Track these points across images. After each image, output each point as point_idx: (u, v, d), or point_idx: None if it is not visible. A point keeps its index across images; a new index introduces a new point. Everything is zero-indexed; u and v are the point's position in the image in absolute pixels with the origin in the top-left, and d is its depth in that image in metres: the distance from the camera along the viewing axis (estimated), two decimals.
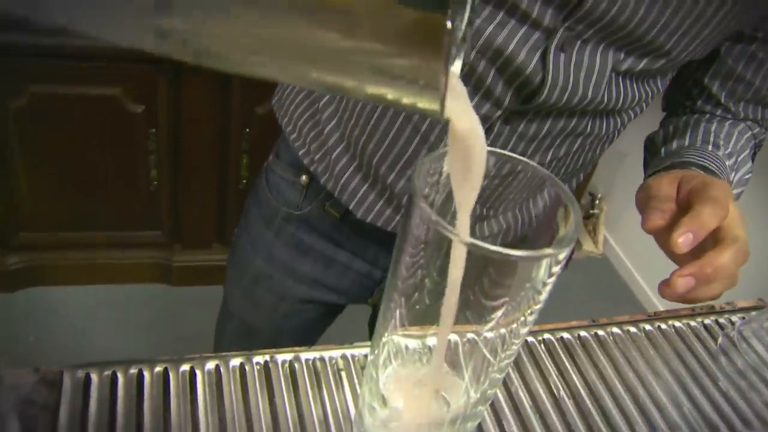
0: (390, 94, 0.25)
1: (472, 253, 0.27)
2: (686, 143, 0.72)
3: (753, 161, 0.78)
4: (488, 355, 0.32)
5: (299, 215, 0.81)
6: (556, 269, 0.28)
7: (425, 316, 0.35)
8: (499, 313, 0.30)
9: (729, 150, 0.72)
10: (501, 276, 0.28)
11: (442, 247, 0.29)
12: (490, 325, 0.31)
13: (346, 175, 0.74)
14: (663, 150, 0.76)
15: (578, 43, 0.58)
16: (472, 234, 0.30)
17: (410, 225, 0.30)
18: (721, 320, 0.56)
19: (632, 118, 0.72)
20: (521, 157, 0.33)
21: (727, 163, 0.71)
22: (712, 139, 0.72)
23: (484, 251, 0.27)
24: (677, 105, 0.79)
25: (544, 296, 0.29)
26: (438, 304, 0.33)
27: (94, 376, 0.40)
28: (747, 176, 0.76)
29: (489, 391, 0.36)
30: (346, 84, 0.26)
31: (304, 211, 0.81)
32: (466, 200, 0.30)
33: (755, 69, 0.71)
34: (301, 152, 0.77)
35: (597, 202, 2.37)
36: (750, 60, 0.71)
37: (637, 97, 0.67)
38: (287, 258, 0.84)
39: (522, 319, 0.30)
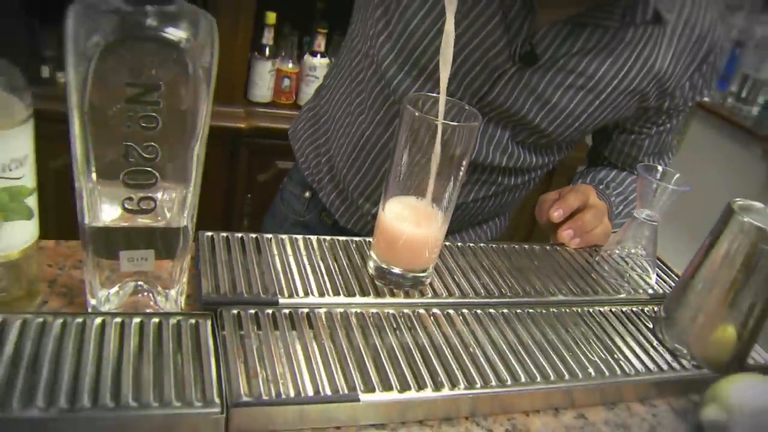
0: None
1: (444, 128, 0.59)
2: (587, 182, 1.04)
3: None
4: (450, 190, 0.63)
5: (302, 221, 1.11)
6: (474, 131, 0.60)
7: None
8: (455, 163, 0.61)
9: (619, 190, 1.02)
10: (457, 138, 0.59)
11: (424, 130, 0.60)
12: (452, 174, 0.61)
13: (332, 196, 1.04)
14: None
15: (485, 119, 0.89)
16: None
17: (402, 123, 0.61)
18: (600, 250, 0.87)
19: (539, 174, 1.03)
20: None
21: (615, 199, 1.01)
22: (606, 181, 1.03)
23: (451, 126, 0.59)
24: (593, 162, 1.12)
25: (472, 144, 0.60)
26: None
27: (216, 237, 0.69)
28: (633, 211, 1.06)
29: (447, 219, 0.65)
30: None
31: (306, 218, 1.11)
32: (445, 71, 0.61)
33: (637, 150, 1.02)
34: (306, 173, 1.08)
35: None
36: (632, 145, 1.02)
37: (534, 162, 0.97)
38: None
39: (464, 164, 0.61)
